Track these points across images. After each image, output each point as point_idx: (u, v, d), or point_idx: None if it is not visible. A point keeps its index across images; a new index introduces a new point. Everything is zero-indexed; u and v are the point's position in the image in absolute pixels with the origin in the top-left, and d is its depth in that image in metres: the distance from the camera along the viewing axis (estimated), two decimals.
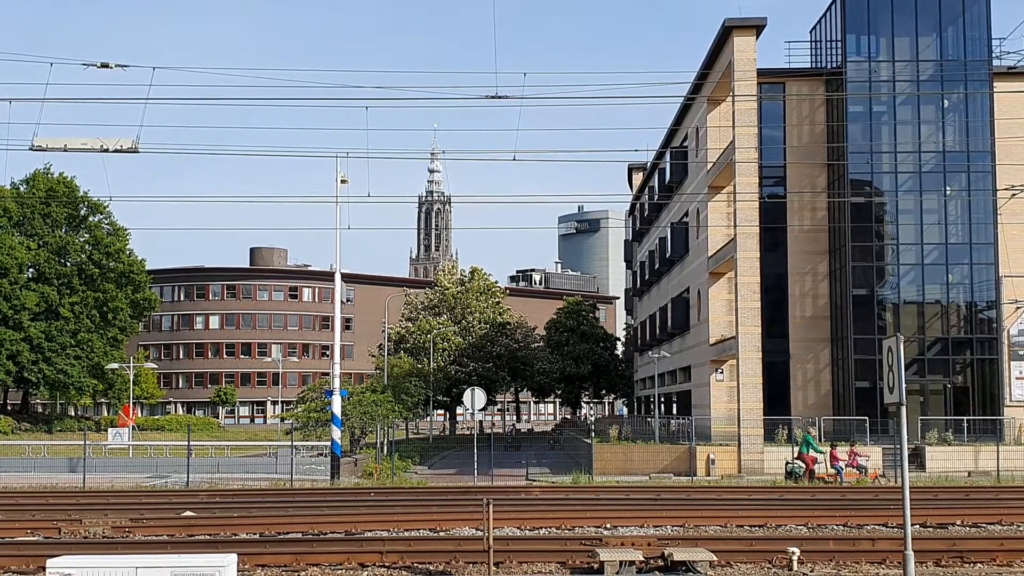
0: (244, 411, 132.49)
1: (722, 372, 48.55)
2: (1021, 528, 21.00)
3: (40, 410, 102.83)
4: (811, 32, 51.99)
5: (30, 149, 24.00)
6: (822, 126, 48.97)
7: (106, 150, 23.83)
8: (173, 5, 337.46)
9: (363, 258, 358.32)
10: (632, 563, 16.25)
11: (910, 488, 14.86)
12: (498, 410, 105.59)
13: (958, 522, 21.49)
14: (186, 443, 40.65)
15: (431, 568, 16.93)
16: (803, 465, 36.12)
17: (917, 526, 20.08)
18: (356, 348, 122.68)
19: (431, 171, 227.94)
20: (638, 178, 77.86)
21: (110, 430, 61.08)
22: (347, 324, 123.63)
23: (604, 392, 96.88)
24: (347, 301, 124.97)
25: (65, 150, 24.08)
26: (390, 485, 33.60)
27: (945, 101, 47.48)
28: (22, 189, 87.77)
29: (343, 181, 38.66)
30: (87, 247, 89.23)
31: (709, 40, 48.62)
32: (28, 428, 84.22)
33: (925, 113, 47.77)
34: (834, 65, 48.88)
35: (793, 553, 16.77)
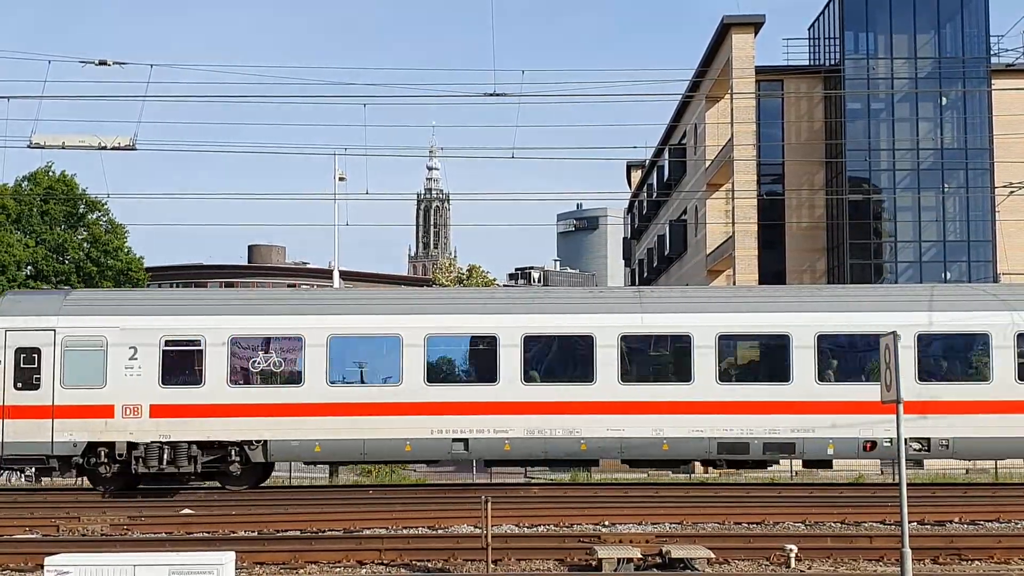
0: None
1: None
2: (1019, 526, 21.02)
3: None
4: (809, 30, 52.01)
5: (28, 146, 24.02)
6: (820, 124, 48.97)
7: (104, 147, 23.85)
8: (171, 3, 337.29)
9: (362, 255, 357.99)
10: (630, 560, 16.26)
11: (908, 485, 14.88)
12: None
13: (956, 519, 21.51)
14: None
15: (429, 565, 16.94)
16: None
17: (915, 523, 20.10)
18: None
19: (430, 168, 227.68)
20: (636, 176, 77.84)
21: None
22: None
23: None
24: None
25: (63, 147, 24.10)
26: (389, 482, 33.59)
27: (943, 98, 47.50)
28: (24, 186, 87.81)
29: (341, 178, 38.71)
30: (85, 245, 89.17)
31: (708, 38, 48.67)
32: None
33: (923, 110, 47.78)
34: (832, 62, 48.87)
35: (791, 550, 16.78)
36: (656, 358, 25.86)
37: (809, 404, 24.76)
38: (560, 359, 25.80)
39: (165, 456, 24.93)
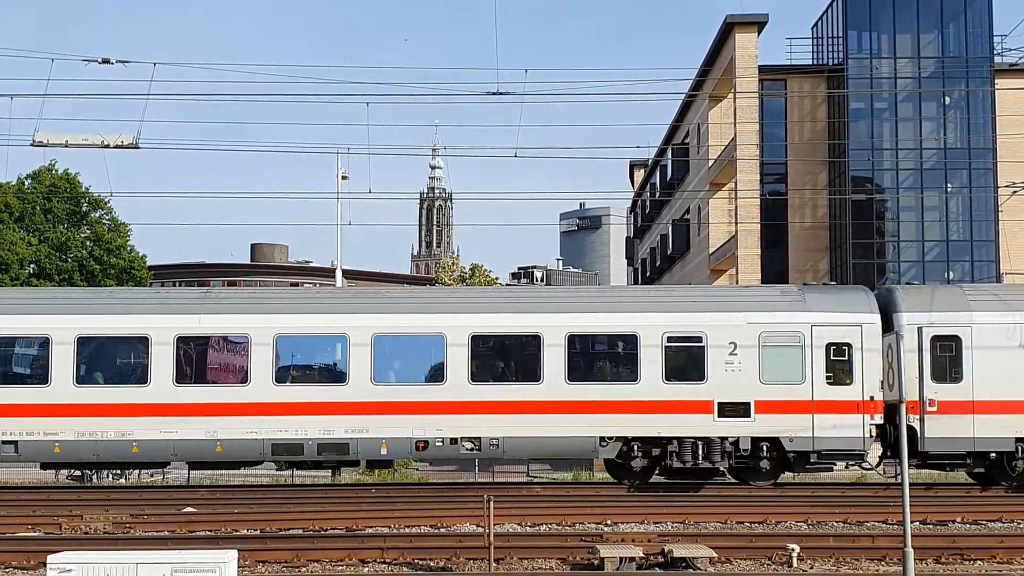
0: None
1: None
2: (1021, 526, 21.02)
3: None
4: (813, 29, 51.98)
5: (31, 145, 24.03)
6: (823, 123, 48.95)
7: (107, 146, 23.86)
8: (172, 3, 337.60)
9: (364, 254, 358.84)
10: (632, 559, 16.26)
11: (910, 485, 14.87)
12: None
13: (958, 519, 21.51)
14: None
15: (432, 564, 16.95)
16: None
17: (917, 523, 20.10)
18: None
19: (432, 168, 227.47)
20: (639, 175, 77.86)
21: None
22: None
23: None
24: None
25: (66, 146, 24.11)
26: (391, 481, 33.61)
27: (946, 98, 47.49)
28: (27, 184, 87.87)
29: (344, 177, 38.74)
30: (88, 243, 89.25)
31: (711, 37, 48.66)
32: None
33: (926, 110, 47.79)
34: (835, 62, 48.86)
35: (793, 550, 16.79)
36: (213, 360, 25.46)
37: (365, 405, 24.57)
38: (115, 361, 25.37)
39: None
